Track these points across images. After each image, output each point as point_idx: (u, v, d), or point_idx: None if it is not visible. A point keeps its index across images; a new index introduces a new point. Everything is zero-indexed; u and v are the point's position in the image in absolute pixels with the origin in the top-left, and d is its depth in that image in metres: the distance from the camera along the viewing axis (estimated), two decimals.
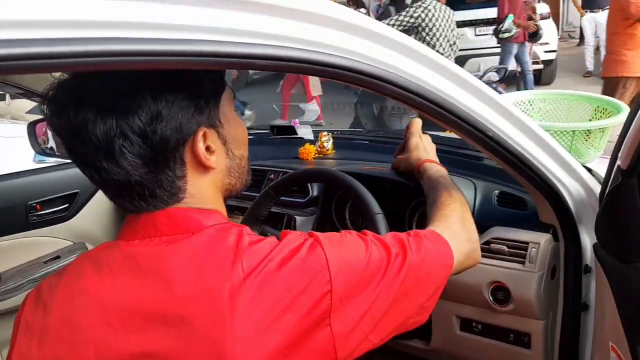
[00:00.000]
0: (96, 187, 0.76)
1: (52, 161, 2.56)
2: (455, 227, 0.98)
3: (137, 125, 0.68)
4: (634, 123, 0.86)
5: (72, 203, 2.13)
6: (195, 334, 0.67)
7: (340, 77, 0.80)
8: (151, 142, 0.69)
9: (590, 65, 8.51)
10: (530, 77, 6.93)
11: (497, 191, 1.46)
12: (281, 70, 0.80)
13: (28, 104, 4.11)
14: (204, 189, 0.77)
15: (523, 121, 1.06)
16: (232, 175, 0.82)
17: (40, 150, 2.28)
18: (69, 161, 2.30)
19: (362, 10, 7.28)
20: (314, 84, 5.96)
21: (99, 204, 2.21)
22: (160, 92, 0.69)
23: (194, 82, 0.73)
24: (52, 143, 2.59)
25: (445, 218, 1.00)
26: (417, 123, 1.35)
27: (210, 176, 0.77)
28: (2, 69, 0.50)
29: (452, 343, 1.48)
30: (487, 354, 1.42)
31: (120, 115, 0.67)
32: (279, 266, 0.70)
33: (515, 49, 6.64)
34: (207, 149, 0.75)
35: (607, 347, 1.10)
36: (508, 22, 6.12)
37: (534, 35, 6.54)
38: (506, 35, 6.21)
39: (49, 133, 2.56)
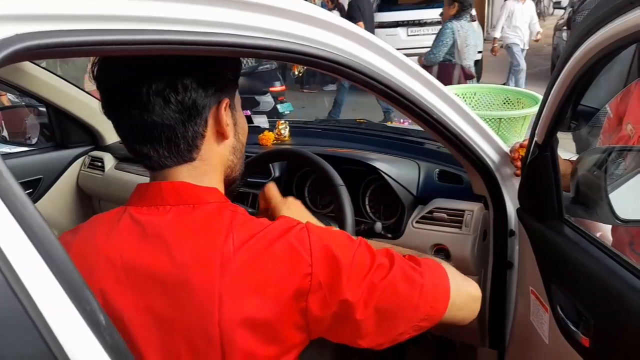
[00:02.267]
0: (126, 134, 0.85)
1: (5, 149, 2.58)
2: (455, 271, 0.96)
3: (184, 81, 0.80)
4: (546, 105, 1.09)
5: (36, 188, 2.18)
6: (188, 296, 0.75)
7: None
8: (190, 95, 0.80)
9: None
10: None
11: (437, 169, 1.68)
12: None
13: None
14: (213, 155, 0.87)
15: (461, 107, 1.27)
16: (235, 154, 0.92)
17: (0, 138, 2.32)
18: (28, 148, 2.35)
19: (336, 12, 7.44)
20: None
21: (62, 189, 2.28)
22: (198, 67, 0.83)
23: (220, 66, 0.87)
24: (5, 133, 2.62)
25: (445, 263, 0.97)
26: (272, 188, 1.17)
27: (221, 147, 0.88)
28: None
29: None
30: None
31: (172, 71, 0.80)
32: (267, 244, 0.78)
33: None
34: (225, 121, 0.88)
35: (528, 292, 1.34)
36: None
37: None
38: None
39: (2, 122, 2.59)
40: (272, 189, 1.15)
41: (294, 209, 1.10)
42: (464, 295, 0.93)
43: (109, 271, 0.79)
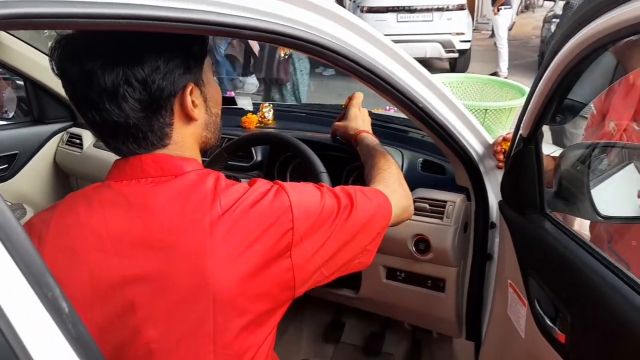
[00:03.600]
0: (93, 130, 0.86)
1: None
2: (393, 186, 1.14)
3: (141, 75, 0.79)
4: (532, 99, 1.08)
5: (12, 164, 2.14)
6: (179, 256, 0.77)
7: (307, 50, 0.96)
8: (150, 90, 0.80)
9: (504, 68, 8.35)
10: None
11: (421, 159, 1.67)
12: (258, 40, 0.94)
13: None
14: (186, 138, 0.89)
15: (447, 96, 1.26)
16: (209, 129, 0.94)
17: None
18: (4, 122, 2.29)
19: None
20: None
21: (38, 166, 2.23)
22: (160, 51, 0.81)
23: (186, 45, 0.86)
24: None
25: (384, 179, 1.16)
26: (359, 97, 1.54)
27: (192, 127, 0.90)
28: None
29: (379, 290, 1.69)
30: (408, 298, 1.64)
31: (127, 65, 0.78)
32: (250, 206, 0.82)
33: None
34: (192, 103, 0.87)
35: (506, 285, 1.33)
36: None
37: None
38: None
39: None
40: (357, 98, 1.54)
41: (353, 114, 1.50)
42: (400, 209, 1.11)
43: (94, 243, 0.80)
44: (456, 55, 8.33)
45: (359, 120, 1.49)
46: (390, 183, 1.15)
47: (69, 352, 0.52)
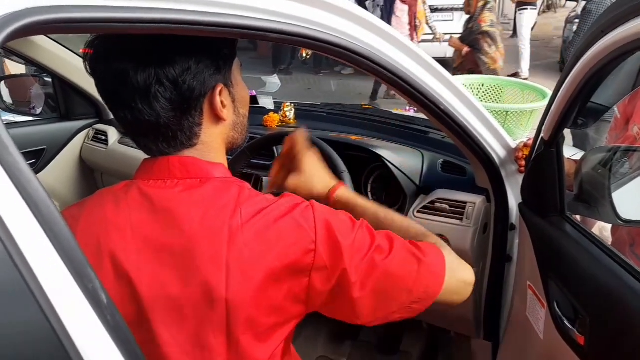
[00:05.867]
0: (124, 128, 0.88)
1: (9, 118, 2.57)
2: (454, 256, 0.97)
3: (172, 75, 0.81)
4: (555, 102, 1.08)
5: (39, 159, 2.19)
6: (195, 266, 0.78)
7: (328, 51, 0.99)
8: (180, 89, 0.82)
9: (525, 69, 8.15)
10: None
11: (441, 160, 1.68)
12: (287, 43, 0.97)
13: None
14: (214, 138, 0.89)
15: (469, 99, 1.27)
16: (236, 130, 0.94)
17: (5, 107, 2.31)
18: (32, 118, 2.35)
19: None
20: None
21: (65, 161, 2.28)
22: (191, 51, 0.83)
23: (216, 46, 0.87)
24: (10, 101, 2.61)
25: (444, 246, 0.98)
26: (301, 137, 1.18)
27: (220, 128, 0.91)
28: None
29: None
30: None
31: (159, 65, 0.80)
32: (274, 220, 0.81)
33: None
34: (221, 103, 0.89)
35: (525, 287, 1.34)
36: None
37: None
38: None
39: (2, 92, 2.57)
40: (300, 135, 1.17)
41: (311, 161, 1.15)
42: (457, 282, 0.94)
43: (119, 239, 0.81)
44: None
45: (322, 173, 1.17)
46: (450, 251, 0.98)
47: (108, 341, 0.55)
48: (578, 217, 1.30)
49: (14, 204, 0.51)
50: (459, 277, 0.95)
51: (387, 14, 6.69)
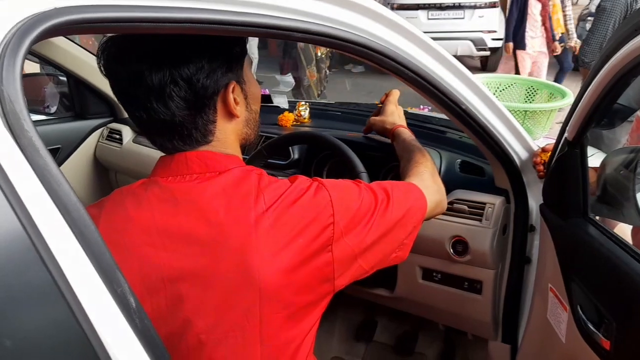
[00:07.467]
0: (140, 128, 0.89)
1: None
2: (427, 181, 1.14)
3: (186, 74, 0.83)
4: (580, 102, 1.07)
5: (54, 158, 2.18)
6: (226, 251, 0.80)
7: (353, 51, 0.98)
8: (195, 88, 0.84)
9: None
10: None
11: (459, 160, 1.66)
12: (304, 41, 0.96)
13: None
14: (228, 134, 0.92)
15: (490, 98, 1.25)
16: (249, 126, 0.97)
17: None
18: (47, 117, 2.35)
19: None
20: None
21: (79, 160, 2.29)
22: (203, 51, 0.84)
23: (228, 45, 0.89)
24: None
25: (419, 173, 1.17)
26: (396, 94, 1.58)
27: (233, 124, 0.93)
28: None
29: (414, 291, 1.69)
30: (444, 299, 1.64)
31: (173, 65, 0.82)
32: (293, 201, 0.85)
33: None
34: (234, 100, 0.91)
35: (547, 289, 1.32)
36: None
37: None
38: None
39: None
40: (394, 94, 1.57)
41: (389, 108, 1.54)
42: (434, 203, 1.11)
43: (144, 238, 0.83)
44: (488, 53, 8.22)
45: (396, 116, 1.52)
46: (425, 177, 1.16)
47: (137, 345, 0.54)
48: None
49: (45, 207, 0.50)
50: (433, 199, 1.11)
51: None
